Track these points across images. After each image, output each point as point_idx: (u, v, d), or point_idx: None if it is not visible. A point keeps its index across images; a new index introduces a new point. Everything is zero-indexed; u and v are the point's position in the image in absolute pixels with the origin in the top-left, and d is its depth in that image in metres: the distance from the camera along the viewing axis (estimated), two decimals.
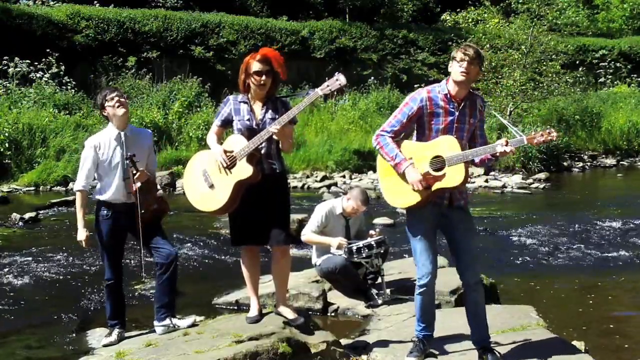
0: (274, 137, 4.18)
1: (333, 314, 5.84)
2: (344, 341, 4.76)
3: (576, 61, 23.26)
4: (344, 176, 15.68)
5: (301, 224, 7.76)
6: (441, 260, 5.95)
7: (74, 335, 5.40)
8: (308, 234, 5.97)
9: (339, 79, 4.07)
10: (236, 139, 4.28)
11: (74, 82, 17.01)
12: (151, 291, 6.45)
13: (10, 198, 12.58)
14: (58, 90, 16.50)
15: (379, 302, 5.70)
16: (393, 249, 7.68)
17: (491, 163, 4.08)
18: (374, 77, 21.45)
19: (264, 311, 4.60)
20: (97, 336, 5.12)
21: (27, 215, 10.40)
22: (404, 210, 4.25)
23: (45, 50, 16.81)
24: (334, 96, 18.96)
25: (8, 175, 14.16)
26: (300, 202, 11.92)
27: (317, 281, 6.12)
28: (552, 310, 6.01)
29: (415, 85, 21.69)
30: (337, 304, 5.89)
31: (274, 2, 23.78)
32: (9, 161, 14.28)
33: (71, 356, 4.87)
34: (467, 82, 3.96)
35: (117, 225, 4.66)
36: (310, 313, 5.32)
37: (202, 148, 11.26)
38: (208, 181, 4.37)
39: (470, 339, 4.33)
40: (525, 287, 7.03)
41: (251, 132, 4.26)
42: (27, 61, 16.34)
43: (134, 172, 4.54)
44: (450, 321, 4.72)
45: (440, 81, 4.15)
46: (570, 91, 19.56)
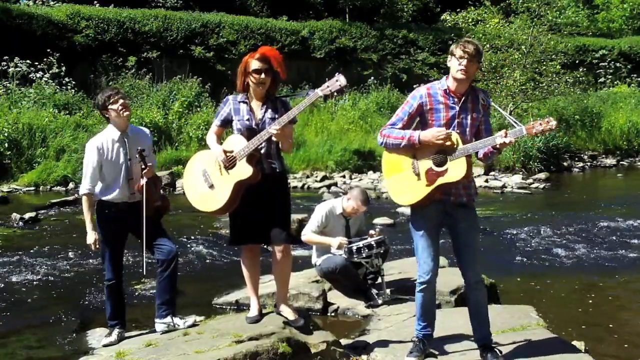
0: (274, 138, 4.19)
1: (333, 314, 5.84)
2: (344, 341, 4.76)
3: (576, 61, 23.26)
4: (344, 176, 15.69)
5: (301, 224, 7.76)
6: (442, 260, 5.94)
7: (74, 335, 5.40)
8: (308, 234, 5.97)
9: (339, 80, 4.06)
10: (236, 139, 4.28)
11: (74, 82, 17.02)
12: (151, 291, 6.46)
13: (10, 198, 12.58)
14: (58, 90, 16.50)
15: (379, 302, 5.70)
16: (393, 249, 7.68)
17: (494, 156, 4.06)
18: (374, 77, 21.45)
19: (264, 311, 4.60)
20: (97, 336, 5.13)
21: (27, 215, 10.41)
22: (409, 207, 4.26)
23: (45, 50, 16.81)
24: (334, 96, 18.96)
25: (8, 175, 14.17)
26: (300, 202, 11.91)
27: (317, 281, 6.12)
28: (552, 310, 6.01)
29: (415, 85, 21.80)
30: (337, 304, 5.89)
31: (274, 2, 23.78)
32: (9, 161, 14.28)
33: (71, 356, 4.87)
34: (467, 79, 3.96)
35: (119, 225, 4.66)
36: (310, 313, 5.33)
37: (202, 148, 11.26)
38: (208, 181, 4.37)
39: (470, 339, 4.34)
40: (525, 287, 7.03)
41: (251, 132, 4.26)
42: (27, 61, 16.34)
43: (143, 167, 4.56)
44: (450, 321, 4.72)
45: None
46: (570, 91, 19.57)
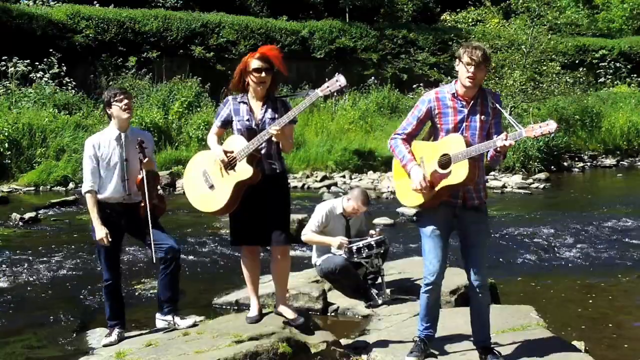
0: (274, 139, 4.19)
1: (333, 314, 5.84)
2: (344, 341, 4.76)
3: (576, 61, 23.26)
4: (344, 176, 15.68)
5: (301, 224, 7.76)
6: None
7: (74, 335, 5.40)
8: (308, 234, 5.97)
9: (339, 80, 4.07)
10: (236, 140, 4.28)
11: (74, 82, 17.01)
12: (151, 291, 6.47)
13: (10, 198, 12.58)
14: (58, 90, 16.49)
15: (379, 302, 5.70)
16: (393, 249, 7.69)
17: (500, 160, 4.05)
18: (374, 77, 21.45)
19: (264, 311, 4.61)
20: (97, 336, 5.12)
21: (27, 215, 10.40)
22: (413, 209, 4.28)
23: (45, 50, 16.81)
24: (334, 96, 18.96)
25: (8, 175, 14.16)
26: (300, 202, 11.91)
27: (317, 281, 6.12)
28: (552, 310, 6.01)
29: (415, 85, 21.81)
30: (337, 304, 5.89)
31: (274, 2, 23.77)
32: (9, 161, 14.28)
33: (71, 356, 4.87)
34: (474, 86, 3.98)
35: (113, 225, 4.65)
36: (310, 313, 5.32)
37: (202, 148, 11.27)
38: (208, 182, 4.37)
39: (470, 339, 4.34)
40: (525, 287, 7.03)
41: (251, 133, 4.26)
42: (27, 61, 16.33)
43: (141, 159, 4.56)
44: (450, 321, 4.72)
45: (440, 81, 4.17)
46: (570, 91, 19.57)
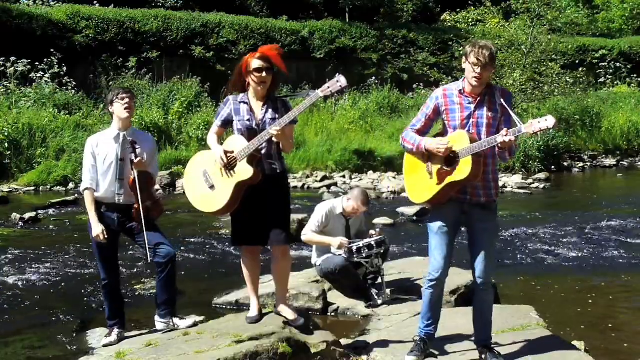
0: (274, 139, 4.18)
1: (333, 314, 5.84)
2: (344, 341, 4.76)
3: (576, 61, 23.25)
4: (344, 176, 15.67)
5: (301, 224, 7.76)
6: None
7: (74, 335, 5.40)
8: (309, 234, 5.97)
9: (340, 81, 4.06)
10: (236, 140, 4.27)
11: (74, 82, 17.01)
12: (151, 291, 6.46)
13: (10, 198, 12.57)
14: (58, 90, 16.49)
15: (379, 302, 5.70)
16: (393, 249, 7.69)
17: (506, 155, 4.03)
18: (374, 77, 21.45)
19: (264, 311, 4.61)
20: (97, 336, 5.12)
21: (27, 215, 10.40)
22: (425, 205, 4.29)
23: (45, 50, 16.80)
24: (334, 96, 18.95)
25: (8, 175, 14.16)
26: (300, 202, 11.91)
27: (317, 281, 6.12)
28: (552, 310, 6.01)
29: (415, 85, 21.81)
30: (337, 304, 5.89)
31: (274, 2, 23.75)
32: (9, 161, 14.28)
33: (71, 356, 4.87)
34: (480, 85, 3.99)
35: (109, 224, 4.64)
36: (310, 313, 5.32)
37: (202, 148, 11.26)
38: (208, 182, 4.37)
39: (470, 339, 4.34)
40: (525, 287, 7.03)
41: (251, 133, 4.26)
42: (25, 60, 16.31)
43: (132, 159, 4.55)
44: (450, 321, 4.72)
45: (440, 81, 4.19)
46: (570, 91, 19.56)
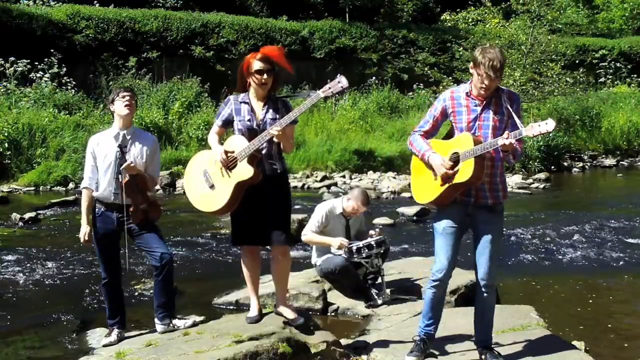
0: (275, 139, 4.18)
1: (333, 314, 5.84)
2: (344, 341, 4.76)
3: (576, 61, 23.26)
4: (344, 176, 15.67)
5: (301, 224, 7.76)
6: None
7: (74, 335, 5.39)
8: (309, 234, 5.97)
9: (341, 81, 4.06)
10: (237, 140, 4.28)
11: (74, 82, 17.01)
12: (151, 291, 6.44)
13: (10, 198, 12.57)
14: (58, 90, 16.49)
15: (379, 302, 5.70)
16: (393, 249, 7.68)
17: (510, 158, 4.03)
18: (374, 77, 21.45)
19: (264, 311, 4.61)
20: (97, 336, 5.13)
21: (27, 215, 10.40)
22: (430, 206, 4.32)
23: (45, 50, 16.80)
24: (335, 96, 18.95)
25: (8, 175, 14.15)
26: (300, 202, 11.91)
27: (317, 281, 6.12)
28: (552, 310, 6.01)
29: (415, 85, 21.80)
30: (337, 304, 5.89)
31: (274, 2, 23.75)
32: (9, 161, 14.28)
33: (71, 356, 4.87)
34: (487, 93, 4.00)
35: (108, 223, 4.65)
36: (310, 313, 5.32)
37: (202, 148, 11.26)
38: (209, 181, 4.37)
39: (470, 339, 4.34)
40: (525, 287, 7.03)
41: (252, 133, 4.26)
42: (26, 60, 16.31)
43: (120, 163, 4.55)
44: (450, 321, 4.72)
45: (440, 81, 4.20)
46: (571, 91, 19.56)
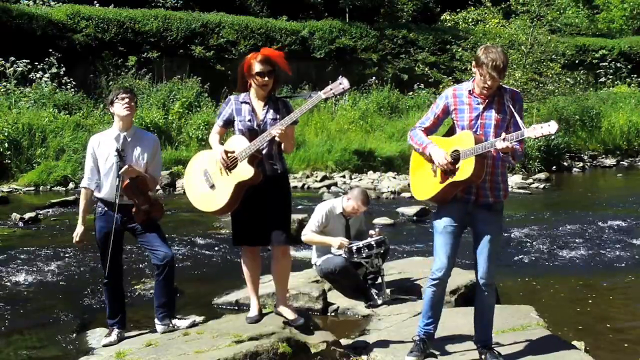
0: (277, 139, 4.18)
1: (333, 314, 5.84)
2: (344, 341, 4.76)
3: (576, 61, 23.26)
4: (344, 176, 15.68)
5: (301, 224, 7.76)
6: None
7: (74, 335, 5.40)
8: (309, 234, 5.96)
9: (342, 83, 4.06)
10: (238, 140, 4.28)
11: (74, 82, 17.02)
12: (151, 291, 6.45)
13: (10, 198, 12.57)
14: (58, 90, 16.49)
15: (379, 302, 5.70)
16: (393, 249, 7.68)
17: (510, 159, 4.05)
18: (374, 77, 21.45)
19: (264, 311, 4.61)
20: (97, 336, 5.13)
21: (27, 215, 10.40)
22: (429, 203, 4.33)
23: (45, 50, 16.80)
24: (335, 97, 18.94)
25: (8, 175, 14.16)
26: (300, 202, 11.91)
27: (317, 281, 6.12)
28: (552, 310, 6.01)
29: (415, 85, 21.81)
30: (337, 304, 5.89)
31: (274, 2, 23.76)
32: (9, 161, 14.28)
33: (71, 356, 4.87)
34: (489, 92, 4.00)
35: (111, 223, 4.66)
36: (310, 313, 5.33)
37: (202, 148, 11.25)
38: (209, 181, 4.37)
39: (470, 339, 4.34)
40: (525, 287, 7.03)
41: (252, 133, 4.27)
42: (26, 60, 16.32)
43: (120, 166, 4.56)
44: (450, 321, 4.72)
45: (440, 81, 4.20)
46: (571, 91, 19.55)
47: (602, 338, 5.41)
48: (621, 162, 20.16)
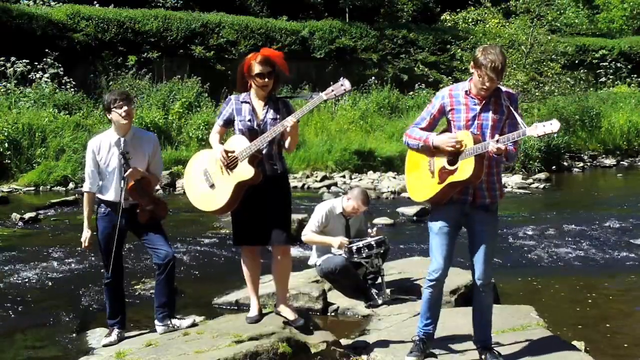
0: (288, 129, 4.13)
1: (333, 314, 5.84)
2: (344, 341, 4.76)
3: (576, 61, 23.25)
4: (344, 176, 15.67)
5: (301, 224, 7.76)
6: None
7: (74, 335, 5.40)
8: (309, 234, 5.97)
9: (344, 85, 4.06)
10: (238, 140, 4.28)
11: (74, 82, 17.02)
12: (151, 291, 6.45)
13: (10, 198, 12.57)
14: (57, 90, 16.49)
15: (379, 302, 5.70)
16: (393, 249, 7.68)
17: (504, 161, 4.05)
18: (374, 77, 21.45)
19: (264, 311, 4.61)
20: (97, 336, 5.13)
21: (27, 215, 10.40)
22: (425, 204, 4.31)
23: (45, 50, 16.81)
24: (336, 98, 18.92)
25: (8, 175, 14.15)
26: (300, 202, 11.91)
27: (317, 281, 6.12)
28: (552, 310, 6.01)
29: (415, 85, 21.80)
30: (337, 304, 5.89)
31: (274, 2, 23.76)
32: (9, 161, 14.27)
33: (71, 356, 4.87)
34: (487, 94, 3.99)
35: (115, 224, 4.66)
36: (310, 313, 5.33)
37: (202, 148, 11.23)
38: (209, 181, 4.37)
39: (470, 339, 4.34)
40: (525, 287, 7.03)
41: (252, 133, 4.27)
42: (26, 60, 16.31)
43: (125, 169, 4.56)
44: (450, 321, 4.72)
45: (440, 81, 4.19)
46: (571, 91, 19.54)
47: (602, 338, 5.41)
48: (621, 162, 20.15)
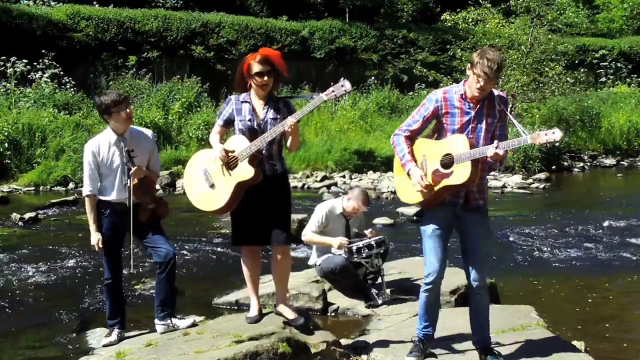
0: (288, 129, 4.14)
1: (333, 314, 5.84)
2: (344, 341, 4.76)
3: (576, 61, 23.25)
4: (344, 176, 15.68)
5: (301, 224, 7.76)
6: None
7: (74, 335, 5.40)
8: (309, 234, 5.96)
9: (344, 85, 4.05)
10: (238, 140, 4.28)
11: (74, 82, 17.02)
12: (151, 291, 6.45)
13: (10, 198, 12.58)
14: (57, 90, 16.50)
15: (379, 302, 5.70)
16: (393, 249, 7.68)
17: (496, 165, 4.10)
18: (374, 77, 21.45)
19: (264, 311, 4.61)
20: (97, 336, 5.13)
21: (27, 215, 10.40)
22: (417, 207, 4.32)
23: (45, 50, 16.82)
24: (337, 99, 18.91)
25: (8, 175, 14.16)
26: (300, 202, 11.91)
27: (317, 281, 6.12)
28: (552, 310, 6.01)
29: (415, 85, 21.81)
30: (337, 304, 5.89)
31: (274, 2, 23.78)
32: (9, 161, 14.28)
33: (71, 356, 4.87)
34: (482, 96, 3.98)
35: (116, 225, 4.66)
36: (310, 313, 5.32)
37: (202, 148, 11.23)
38: (209, 180, 4.37)
39: (470, 339, 4.34)
40: (525, 287, 7.03)
41: (252, 133, 4.27)
42: (26, 60, 16.32)
43: (129, 168, 4.56)
44: (450, 321, 4.72)
45: (440, 82, 4.18)
46: (571, 91, 19.55)
47: (602, 338, 5.41)
48: (621, 162, 20.15)
